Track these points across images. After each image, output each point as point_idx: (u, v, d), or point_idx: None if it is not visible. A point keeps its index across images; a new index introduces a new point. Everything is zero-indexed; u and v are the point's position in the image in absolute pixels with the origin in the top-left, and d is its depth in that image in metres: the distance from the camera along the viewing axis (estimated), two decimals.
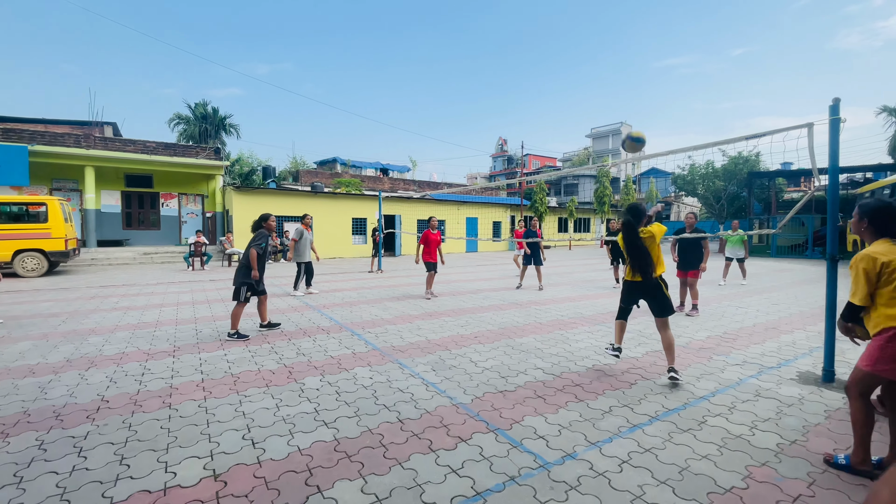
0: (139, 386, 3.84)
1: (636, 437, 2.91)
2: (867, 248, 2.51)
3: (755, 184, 25.40)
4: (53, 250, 12.28)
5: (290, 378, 4.02)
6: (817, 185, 4.54)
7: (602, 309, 7.33)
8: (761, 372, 4.21)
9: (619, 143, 53.22)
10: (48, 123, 22.73)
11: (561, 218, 32.54)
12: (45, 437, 2.92)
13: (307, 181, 29.21)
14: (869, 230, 2.57)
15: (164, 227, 21.25)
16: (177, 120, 31.20)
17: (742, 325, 6.15)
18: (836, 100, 3.88)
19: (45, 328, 6.01)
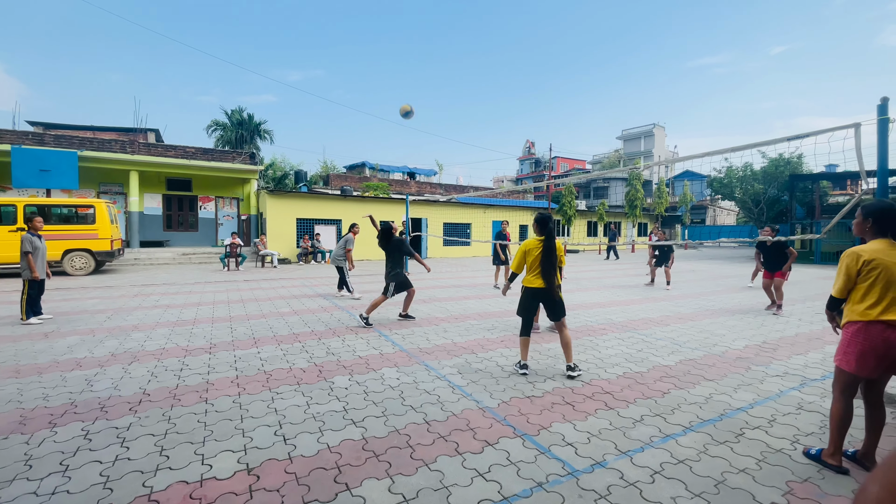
0: (178, 381, 4.00)
1: (669, 447, 2.83)
2: (858, 245, 2.58)
3: (797, 187, 24.25)
4: (100, 250, 12.94)
5: (319, 377, 4.10)
6: (865, 188, 4.31)
7: (633, 315, 7.16)
8: (804, 384, 4.02)
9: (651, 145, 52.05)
10: (96, 130, 24.07)
11: (590, 221, 31.98)
12: (91, 427, 3.08)
13: (337, 185, 29.78)
14: (871, 230, 2.59)
15: (202, 228, 22.08)
16: (214, 126, 32.45)
17: (783, 335, 5.89)
18: (885, 99, 3.68)
19: (91, 324, 6.33)
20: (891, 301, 2.43)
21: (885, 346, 2.42)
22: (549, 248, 4.11)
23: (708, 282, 12.02)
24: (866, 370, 2.47)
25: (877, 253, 2.48)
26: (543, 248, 4.13)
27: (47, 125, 23.70)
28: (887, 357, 2.43)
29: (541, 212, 4.34)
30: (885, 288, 2.44)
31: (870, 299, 2.48)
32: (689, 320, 6.79)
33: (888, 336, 2.42)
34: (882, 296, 2.45)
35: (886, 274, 2.44)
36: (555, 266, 4.13)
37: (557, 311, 4.17)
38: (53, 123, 23.88)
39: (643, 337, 5.70)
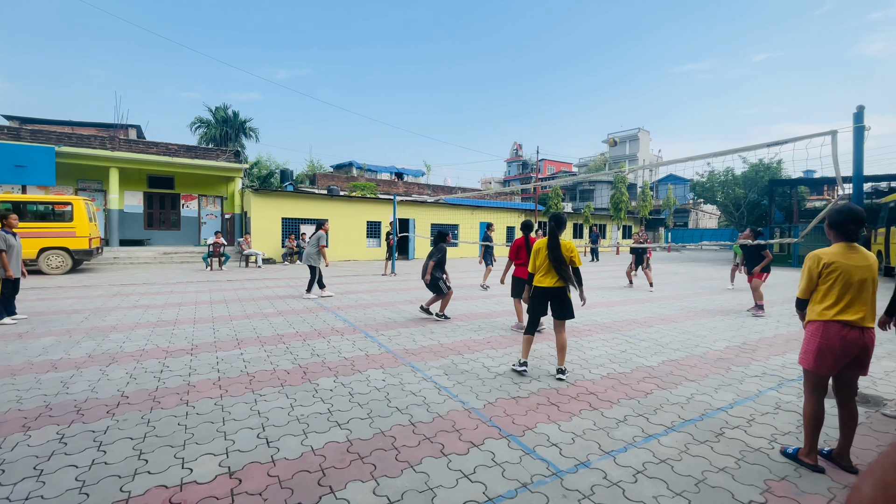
0: (158, 383, 3.91)
1: (651, 447, 2.87)
2: (822, 248, 2.69)
3: (776, 192, 24.85)
4: (77, 249, 12.62)
5: (304, 378, 4.05)
6: (841, 193, 4.44)
7: (617, 317, 7.25)
8: (782, 384, 4.11)
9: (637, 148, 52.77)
10: (75, 125, 23.47)
11: (576, 224, 32.29)
12: (66, 430, 3.00)
13: (323, 184, 29.55)
14: (833, 234, 2.69)
15: (184, 227, 21.70)
16: (198, 123, 31.90)
17: (762, 336, 6.02)
18: (861, 107, 3.79)
19: (68, 324, 6.17)
20: (848, 302, 2.54)
21: (843, 344, 2.52)
22: (554, 247, 4.14)
23: (690, 284, 12.23)
24: (825, 368, 2.57)
25: (836, 256, 2.59)
26: (548, 247, 4.17)
27: (24, 119, 23.02)
28: (846, 355, 2.53)
29: (553, 212, 4.39)
30: (843, 290, 2.55)
31: (828, 300, 2.59)
32: (672, 322, 6.90)
33: (845, 335, 2.52)
34: (840, 297, 2.55)
35: (844, 276, 2.55)
36: (561, 264, 4.11)
37: (563, 311, 4.17)
38: (30, 118, 23.20)
39: (627, 338, 5.77)
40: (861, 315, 2.52)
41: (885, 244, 14.50)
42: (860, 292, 2.54)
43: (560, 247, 4.15)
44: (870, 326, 2.54)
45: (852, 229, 2.61)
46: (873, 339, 2.55)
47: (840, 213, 2.64)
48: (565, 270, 4.13)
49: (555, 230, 4.24)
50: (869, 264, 2.56)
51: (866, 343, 2.53)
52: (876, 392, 3.93)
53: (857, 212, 2.60)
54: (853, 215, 2.60)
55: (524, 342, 4.31)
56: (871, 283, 2.55)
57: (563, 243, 4.19)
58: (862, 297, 2.54)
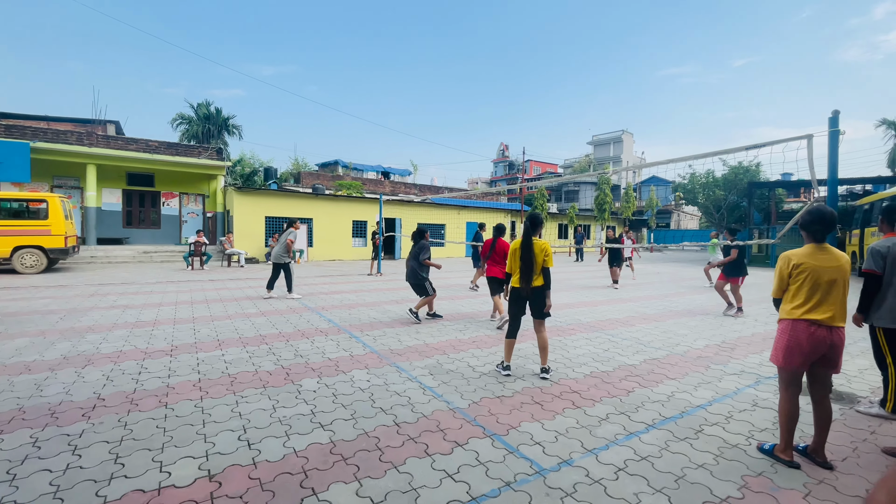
0: (136, 385, 3.83)
1: (633, 444, 2.91)
2: (793, 250, 2.79)
3: (755, 194, 25.43)
4: (53, 247, 12.27)
5: (287, 379, 4.01)
6: (816, 195, 4.55)
7: (600, 316, 7.33)
8: (759, 382, 4.21)
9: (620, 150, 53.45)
10: (51, 121, 22.80)
11: (561, 224, 32.58)
12: (40, 434, 2.91)
13: (308, 183, 29.26)
14: (805, 236, 2.78)
15: (165, 226, 21.26)
16: (179, 120, 31.30)
17: (741, 335, 6.15)
18: (836, 112, 3.90)
19: (42, 325, 6.00)
20: (817, 302, 2.62)
21: (811, 342, 2.60)
22: (525, 247, 4.14)
23: (671, 284, 12.43)
24: (793, 364, 2.66)
25: (805, 257, 2.68)
26: (521, 247, 4.18)
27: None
28: (814, 352, 2.62)
29: (531, 212, 4.40)
30: (812, 290, 2.63)
31: (797, 300, 2.68)
32: (654, 321, 7.01)
33: (813, 332, 2.60)
34: (808, 297, 2.64)
35: (813, 277, 2.63)
36: (530, 265, 4.10)
37: (540, 311, 4.17)
38: (4, 112, 22.46)
39: (609, 337, 5.84)
40: (829, 314, 2.60)
41: (859, 245, 14.95)
42: (829, 292, 2.62)
43: (532, 247, 4.12)
44: (839, 325, 2.61)
45: (818, 230, 2.69)
46: (842, 338, 2.63)
47: (810, 215, 2.72)
48: (531, 274, 4.10)
49: (529, 231, 4.24)
50: (839, 265, 2.63)
51: (834, 341, 2.60)
52: (850, 389, 4.05)
53: (827, 213, 2.67)
54: (822, 217, 2.67)
55: (506, 345, 4.31)
56: (840, 283, 2.63)
57: (538, 244, 4.16)
58: (831, 297, 2.61)
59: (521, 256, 4.14)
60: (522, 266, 4.13)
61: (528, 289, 4.12)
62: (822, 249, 2.68)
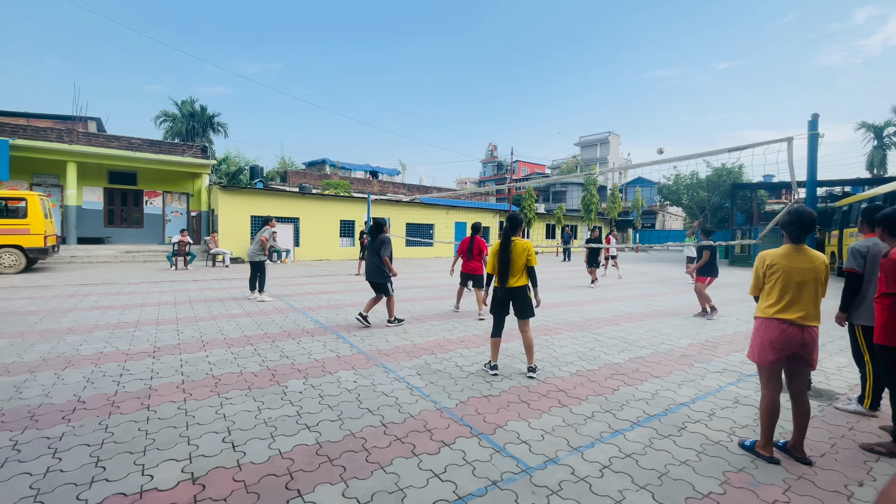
0: (117, 387, 3.76)
1: (618, 442, 2.94)
2: (768, 250, 2.86)
3: (738, 195, 25.89)
4: (32, 247, 11.98)
5: (272, 381, 3.97)
6: (797, 197, 4.65)
7: (587, 315, 7.40)
8: (741, 379, 4.29)
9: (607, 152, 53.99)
10: (30, 117, 22.25)
11: (549, 224, 32.80)
12: (19, 437, 2.85)
13: (295, 182, 29.00)
14: (784, 236, 2.84)
15: (148, 225, 20.89)
16: (163, 117, 30.80)
17: (723, 333, 6.26)
18: (815, 115, 3.99)
19: (21, 326, 5.85)
20: (789, 301, 2.69)
21: (783, 340, 2.67)
22: (503, 248, 4.17)
23: (656, 283, 12.60)
24: (768, 361, 2.73)
25: (778, 258, 2.75)
26: (499, 247, 4.21)
27: None
28: (786, 350, 2.69)
29: (510, 212, 4.42)
30: (784, 290, 2.71)
31: (770, 299, 2.76)
32: (639, 320, 7.09)
33: (784, 330, 2.67)
34: (781, 296, 2.71)
35: (785, 277, 2.71)
36: (507, 265, 4.13)
37: (524, 311, 4.20)
38: None
39: (595, 336, 5.90)
40: (802, 314, 2.67)
41: (838, 246, 15.32)
42: (801, 292, 2.68)
43: (510, 247, 4.15)
44: (811, 325, 2.68)
45: (796, 230, 2.75)
46: (814, 337, 2.69)
47: (789, 216, 2.79)
48: (507, 270, 4.12)
49: (508, 231, 4.25)
50: (813, 266, 2.70)
51: (806, 340, 2.67)
52: (829, 386, 4.15)
53: (806, 214, 2.74)
54: (800, 218, 2.74)
55: (492, 345, 4.33)
56: (813, 283, 2.69)
57: (518, 243, 4.18)
58: (804, 296, 2.68)
59: (500, 257, 4.17)
60: (500, 267, 4.16)
61: (505, 289, 4.15)
62: (798, 250, 2.74)
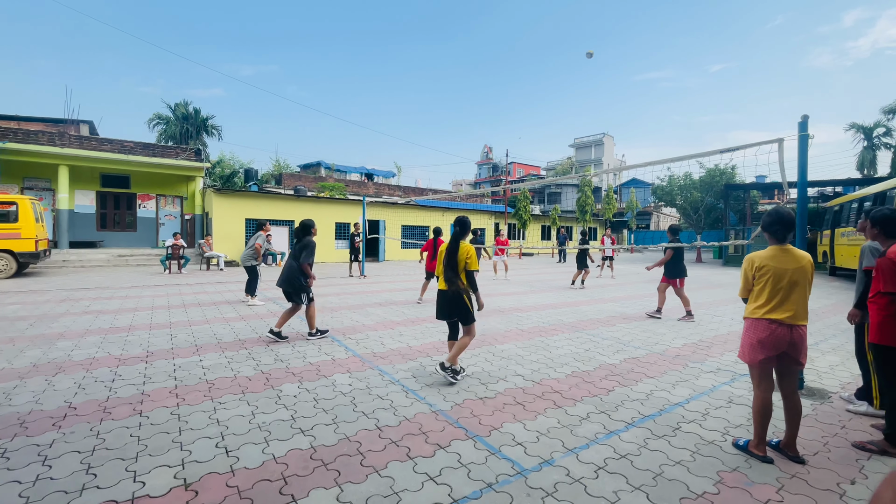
0: (109, 392, 3.72)
1: (612, 443, 2.95)
2: (756, 252, 2.87)
3: (731, 195, 26.08)
4: (23, 251, 11.86)
5: (266, 385, 3.95)
6: (788, 197, 4.69)
7: (583, 316, 7.42)
8: (734, 379, 4.31)
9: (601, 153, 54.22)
10: (21, 120, 22.06)
11: (544, 225, 32.88)
12: (9, 445, 2.81)
13: (290, 185, 28.92)
14: (768, 237, 2.85)
15: (141, 228, 20.75)
16: (156, 120, 30.61)
17: (717, 333, 6.29)
18: (805, 117, 4.03)
19: (11, 332, 5.79)
20: (778, 302, 2.72)
21: (772, 339, 2.70)
22: (450, 251, 4.08)
23: (651, 284, 12.64)
24: (758, 360, 2.75)
25: (767, 259, 2.77)
26: (446, 252, 4.13)
27: None
28: (774, 349, 2.71)
29: (459, 216, 4.31)
30: (773, 291, 2.73)
31: (760, 300, 2.78)
32: (634, 320, 7.12)
33: (773, 330, 2.70)
34: (770, 298, 2.74)
35: (774, 278, 2.73)
36: (455, 269, 4.02)
37: (462, 316, 4.08)
38: None
39: (591, 337, 5.92)
40: (790, 313, 2.69)
41: (829, 245, 15.45)
42: (790, 293, 2.71)
43: (457, 252, 4.05)
44: (799, 324, 2.71)
45: (778, 231, 2.78)
46: (802, 336, 2.71)
47: (770, 217, 2.81)
48: (453, 277, 4.02)
49: (458, 235, 4.16)
50: (800, 266, 2.73)
51: (794, 339, 2.69)
52: (821, 385, 4.18)
53: (785, 214, 2.77)
54: (780, 218, 2.77)
55: (448, 348, 4.26)
56: (801, 283, 2.72)
57: (462, 248, 4.08)
58: (792, 297, 2.71)
59: (446, 261, 4.09)
60: (446, 270, 4.07)
61: (451, 291, 4.05)
62: (784, 251, 2.77)
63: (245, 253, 8.55)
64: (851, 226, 13.32)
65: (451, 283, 4.04)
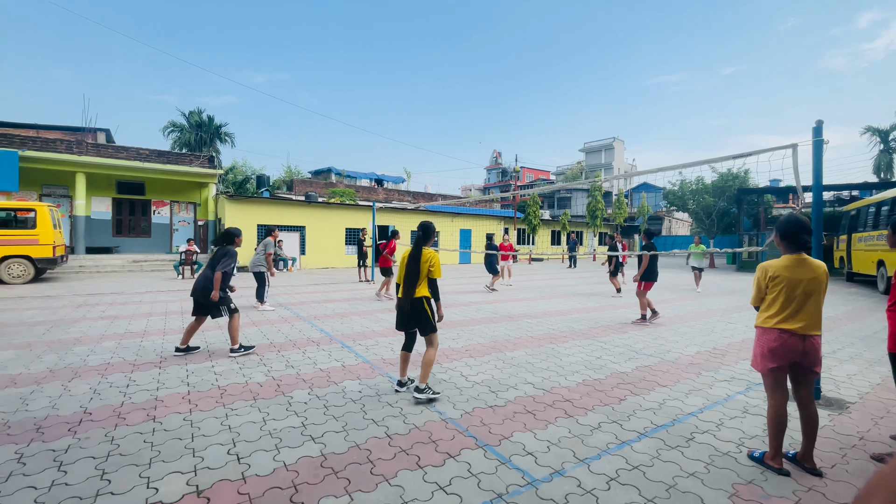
0: (123, 398, 3.77)
1: (625, 453, 2.91)
2: (770, 260, 2.82)
3: (745, 200, 25.73)
4: (40, 257, 12.12)
5: (278, 391, 3.97)
6: (803, 202, 4.62)
7: (593, 323, 7.36)
8: (749, 388, 4.24)
9: (612, 157, 53.93)
10: (40, 129, 22.60)
11: (554, 230, 32.73)
12: (25, 450, 2.86)
13: (301, 190, 29.18)
14: (782, 246, 2.80)
15: (155, 234, 21.08)
16: (171, 128, 31.19)
17: (731, 341, 6.19)
18: (820, 122, 3.97)
19: (28, 337, 5.90)
20: (791, 312, 2.68)
21: (784, 348, 2.66)
22: (412, 258, 3.86)
23: (663, 290, 12.51)
24: (770, 369, 2.71)
25: (780, 269, 2.73)
26: (408, 258, 3.89)
27: None
28: (786, 357, 2.67)
29: (423, 221, 4.06)
30: (787, 301, 2.69)
31: (772, 309, 2.74)
32: (645, 328, 7.04)
33: (785, 340, 2.66)
34: (783, 307, 2.70)
35: (788, 288, 2.69)
36: (415, 276, 3.80)
37: (422, 326, 3.87)
38: None
39: (602, 344, 5.86)
40: (802, 324, 2.66)
41: (846, 250, 15.16)
42: (804, 303, 2.67)
43: (419, 259, 3.82)
44: (813, 334, 2.66)
45: (793, 240, 2.72)
46: (815, 345, 2.66)
47: (785, 225, 2.76)
48: (411, 284, 3.80)
49: (420, 240, 3.94)
50: (815, 276, 2.68)
51: (807, 349, 2.65)
52: (839, 395, 4.09)
53: (801, 223, 2.72)
54: (796, 227, 2.72)
55: (400, 359, 4.04)
56: (816, 293, 2.68)
57: (424, 254, 3.86)
58: (806, 307, 2.67)
59: (408, 267, 3.84)
60: (406, 277, 3.82)
61: (408, 302, 3.81)
62: (799, 260, 2.72)
63: (254, 258, 8.56)
64: (869, 230, 13.05)
65: (411, 293, 3.81)
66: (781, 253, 2.83)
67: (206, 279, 5.09)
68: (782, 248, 2.81)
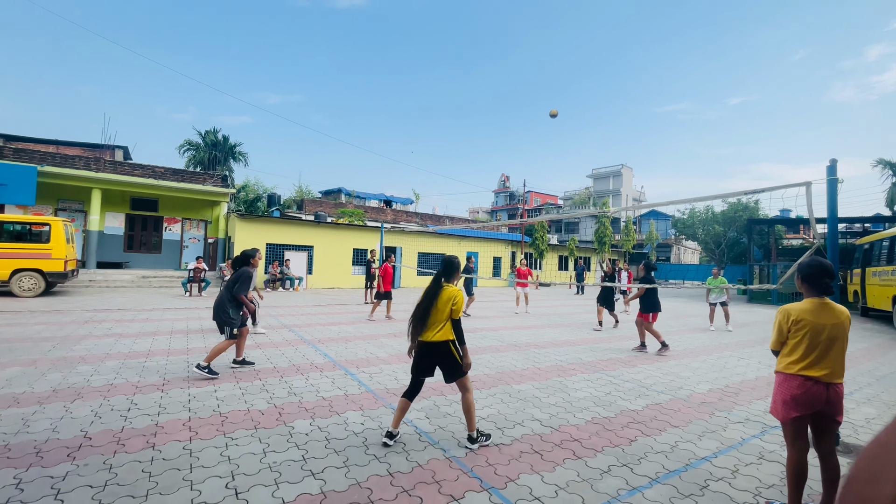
0: (124, 422, 3.73)
1: (636, 501, 2.79)
2: (792, 304, 2.74)
3: (755, 230, 25.57)
4: (52, 271, 12.26)
5: (279, 420, 3.90)
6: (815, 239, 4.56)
7: (602, 355, 7.22)
8: (764, 431, 4.09)
9: (620, 184, 54.08)
10: (60, 145, 23.21)
11: (562, 256, 32.61)
12: (24, 475, 2.82)
13: (311, 210, 29.49)
14: (805, 288, 2.74)
15: (166, 250, 21.30)
16: (187, 146, 31.89)
17: (744, 378, 6.03)
18: (834, 161, 3.95)
19: (34, 353, 5.91)
20: (815, 359, 2.58)
21: (806, 396, 2.56)
22: (429, 294, 3.50)
23: (672, 321, 12.30)
24: (792, 417, 2.60)
25: (804, 313, 2.64)
26: (425, 293, 3.55)
27: (8, 137, 22.70)
28: (809, 406, 2.57)
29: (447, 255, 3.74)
30: (811, 347, 2.60)
31: (795, 355, 2.65)
32: (655, 361, 6.89)
33: (808, 388, 2.56)
34: (806, 353, 2.61)
35: (812, 333, 2.60)
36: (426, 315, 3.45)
37: (450, 372, 3.47)
38: (15, 136, 22.89)
39: (611, 378, 5.73)
40: (826, 371, 2.57)
41: (861, 284, 14.89)
42: (828, 349, 2.59)
43: (438, 295, 3.47)
44: (836, 382, 2.58)
45: (818, 284, 2.67)
46: (839, 394, 2.58)
47: (810, 268, 2.71)
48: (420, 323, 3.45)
49: (440, 275, 3.60)
50: (840, 321, 2.61)
51: (831, 398, 2.56)
52: (858, 441, 3.93)
53: (826, 266, 2.66)
54: (821, 270, 2.66)
55: (398, 406, 3.53)
56: (840, 339, 2.60)
57: (445, 291, 3.48)
58: (830, 354, 2.59)
59: (423, 305, 3.47)
60: (420, 316, 3.46)
61: (423, 343, 3.48)
62: (823, 305, 2.65)
63: None
64: (884, 265, 12.84)
65: (419, 334, 3.47)
66: (804, 296, 2.77)
67: (221, 300, 5.46)
68: (804, 291, 2.75)
